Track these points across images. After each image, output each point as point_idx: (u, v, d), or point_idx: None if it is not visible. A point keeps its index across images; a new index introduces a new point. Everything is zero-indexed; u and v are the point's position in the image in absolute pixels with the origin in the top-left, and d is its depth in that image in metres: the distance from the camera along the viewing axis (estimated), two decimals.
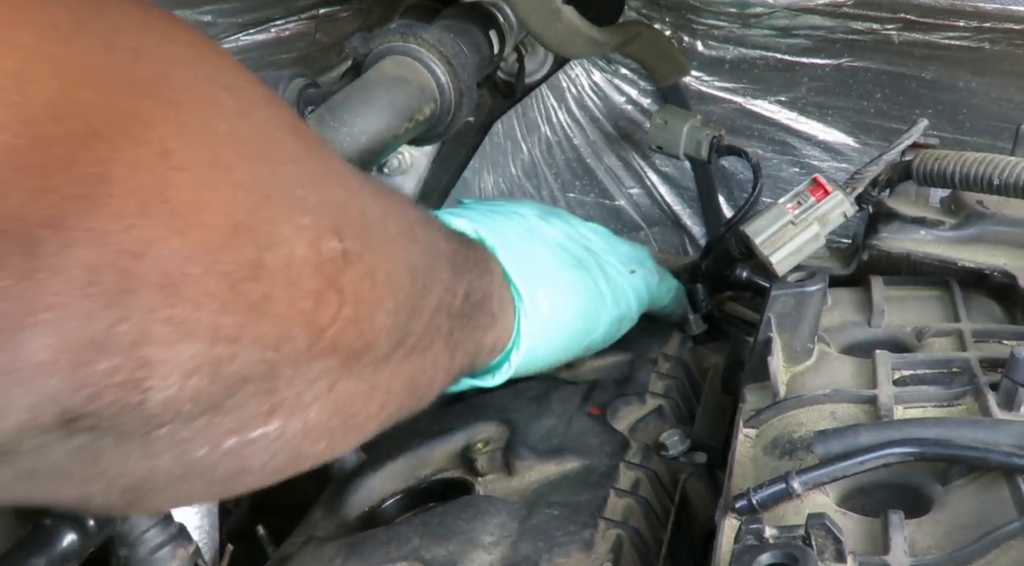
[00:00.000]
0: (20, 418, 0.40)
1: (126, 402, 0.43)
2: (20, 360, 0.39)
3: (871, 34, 1.32)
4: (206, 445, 0.49)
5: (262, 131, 0.50)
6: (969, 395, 0.70)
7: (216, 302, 0.44)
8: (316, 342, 0.51)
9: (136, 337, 0.42)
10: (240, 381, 0.48)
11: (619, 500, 0.79)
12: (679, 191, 1.60)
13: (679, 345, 1.10)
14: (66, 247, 0.38)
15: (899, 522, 0.59)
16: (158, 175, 0.42)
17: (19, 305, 0.38)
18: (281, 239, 0.48)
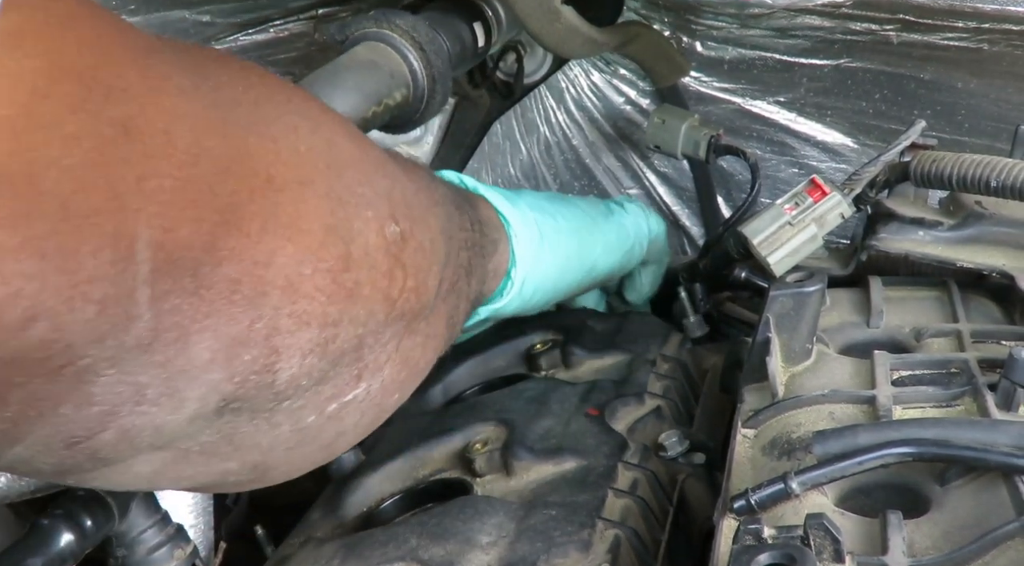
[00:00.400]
0: (192, 408, 0.50)
1: (263, 383, 0.53)
2: (192, 361, 0.48)
3: (870, 35, 1.32)
4: (314, 412, 0.60)
5: (329, 143, 0.59)
6: (967, 395, 0.70)
7: (324, 294, 0.55)
8: (391, 312, 0.62)
9: (268, 331, 0.52)
10: (340, 355, 0.58)
11: (617, 500, 0.79)
12: (678, 191, 1.60)
13: (678, 346, 1.10)
14: (217, 266, 0.48)
15: (897, 522, 0.59)
16: (268, 197, 0.51)
17: (188, 317, 0.47)
18: (357, 231, 0.58)
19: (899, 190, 1.00)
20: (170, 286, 0.45)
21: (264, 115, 0.54)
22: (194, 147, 0.46)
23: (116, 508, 0.70)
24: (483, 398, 1.00)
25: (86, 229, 0.40)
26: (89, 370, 0.44)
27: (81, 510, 0.68)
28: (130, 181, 0.42)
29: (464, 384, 1.05)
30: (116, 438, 0.48)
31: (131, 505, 0.71)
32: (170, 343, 0.47)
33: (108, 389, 0.45)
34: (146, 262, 0.44)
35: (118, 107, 0.43)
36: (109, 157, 0.42)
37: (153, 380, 0.47)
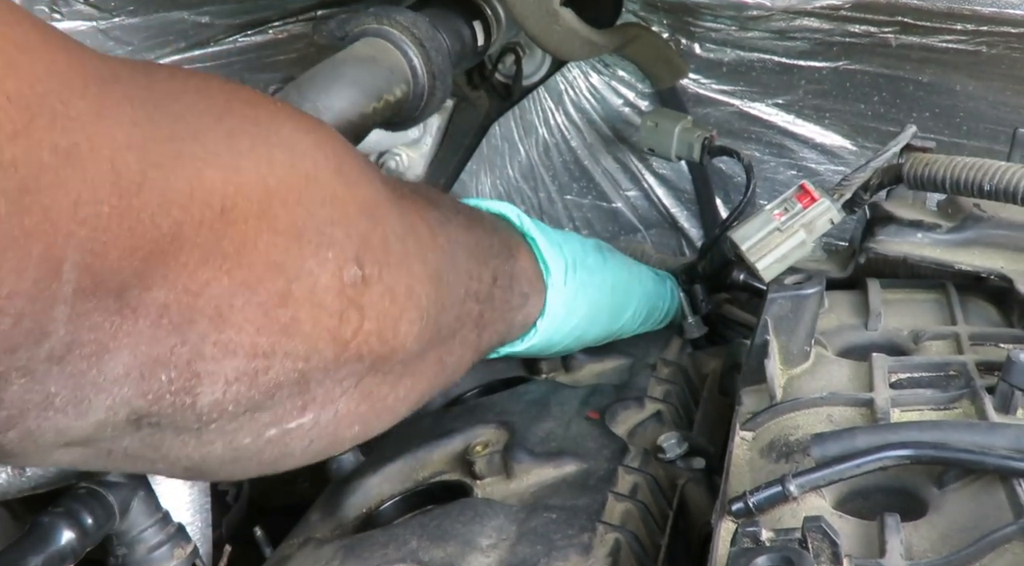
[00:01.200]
0: (99, 416, 0.51)
1: (180, 404, 0.53)
2: (104, 374, 0.49)
3: (868, 37, 1.32)
4: (250, 435, 0.60)
5: (308, 177, 0.59)
6: (965, 398, 0.71)
7: (253, 326, 0.55)
8: (342, 353, 0.61)
9: (190, 357, 0.52)
10: (275, 386, 0.58)
11: (617, 504, 0.80)
12: (676, 193, 1.60)
13: (678, 350, 1.10)
14: (146, 290, 0.48)
15: (895, 525, 0.59)
16: (216, 229, 0.51)
17: (106, 335, 0.48)
18: (307, 271, 0.57)
19: (897, 192, 1.00)
20: (92, 305, 0.46)
21: (234, 146, 0.54)
22: (138, 176, 0.47)
23: (117, 506, 0.70)
24: (483, 400, 1.00)
25: (12, 250, 0.41)
26: (0, 378, 0.45)
27: (82, 508, 0.68)
28: (65, 206, 0.43)
29: (464, 386, 1.05)
30: (20, 436, 0.49)
31: (132, 504, 0.72)
32: (84, 357, 0.47)
33: (17, 396, 0.46)
34: (70, 283, 0.44)
35: (63, 135, 0.43)
36: (46, 182, 0.42)
37: (62, 389, 0.48)
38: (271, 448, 0.63)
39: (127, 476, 0.70)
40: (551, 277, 0.88)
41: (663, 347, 1.09)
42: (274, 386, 0.58)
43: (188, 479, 0.68)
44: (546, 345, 0.92)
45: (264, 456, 0.63)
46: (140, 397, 0.51)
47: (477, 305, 0.78)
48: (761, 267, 0.90)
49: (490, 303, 0.80)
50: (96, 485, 0.69)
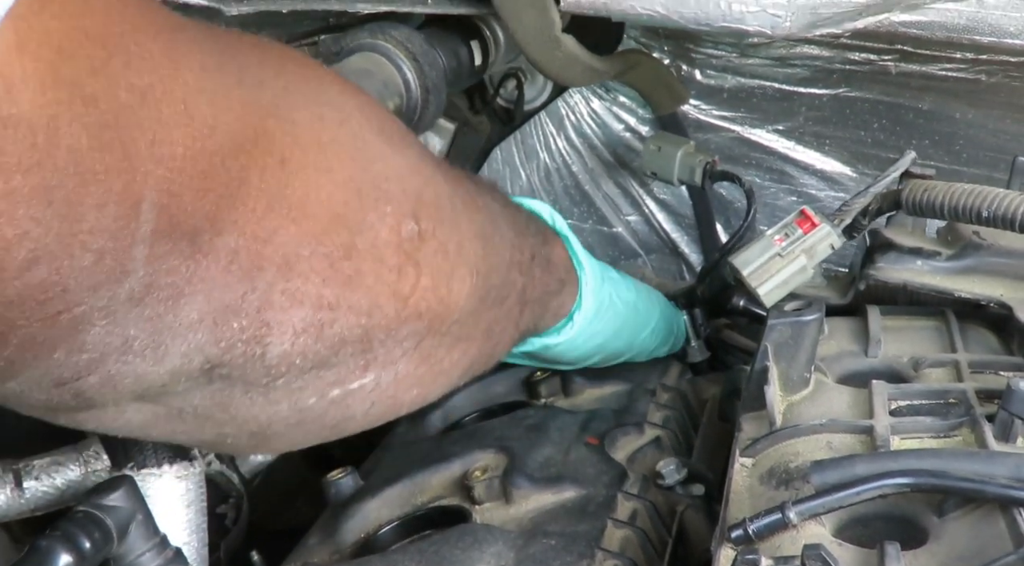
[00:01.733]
0: (175, 362, 0.52)
1: (251, 353, 0.55)
2: (179, 319, 0.51)
3: (868, 65, 1.33)
4: (315, 395, 0.62)
5: (356, 135, 0.61)
6: (965, 426, 0.70)
7: (319, 277, 0.56)
8: (402, 309, 0.63)
9: (260, 304, 0.54)
10: (340, 342, 0.59)
11: (616, 531, 0.79)
12: (676, 218, 1.60)
13: (678, 376, 1.10)
14: (217, 235, 0.50)
15: (895, 554, 0.59)
16: (279, 178, 0.53)
17: (182, 279, 0.49)
18: (368, 225, 0.59)
19: (897, 220, 1.00)
20: (168, 248, 0.48)
21: (290, 101, 0.56)
22: (210, 120, 0.49)
23: (115, 530, 0.70)
24: (483, 425, 1.00)
25: (94, 184, 0.43)
26: (84, 319, 0.46)
27: (79, 532, 0.68)
28: (142, 145, 0.45)
29: (463, 410, 1.05)
30: (100, 382, 0.51)
31: (130, 527, 0.71)
32: (161, 300, 0.49)
33: (99, 339, 0.48)
34: (148, 223, 0.46)
35: (138, 75, 0.45)
36: (124, 120, 0.44)
37: (140, 333, 0.49)
38: (334, 410, 0.64)
39: (126, 500, 0.70)
40: (584, 273, 0.90)
41: (662, 373, 1.08)
42: (339, 341, 0.59)
43: (252, 449, 0.70)
44: (574, 345, 0.93)
45: (327, 419, 0.65)
46: (213, 344, 0.53)
47: (520, 277, 0.80)
48: (762, 292, 0.90)
49: (531, 278, 0.82)
50: (94, 509, 0.68)
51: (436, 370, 0.71)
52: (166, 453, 0.77)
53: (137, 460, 0.77)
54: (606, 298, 0.93)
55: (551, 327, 0.90)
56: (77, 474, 0.87)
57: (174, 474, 0.77)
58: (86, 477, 0.87)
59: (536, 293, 0.83)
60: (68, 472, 0.88)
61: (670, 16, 0.98)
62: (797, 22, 0.97)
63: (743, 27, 0.97)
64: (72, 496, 0.87)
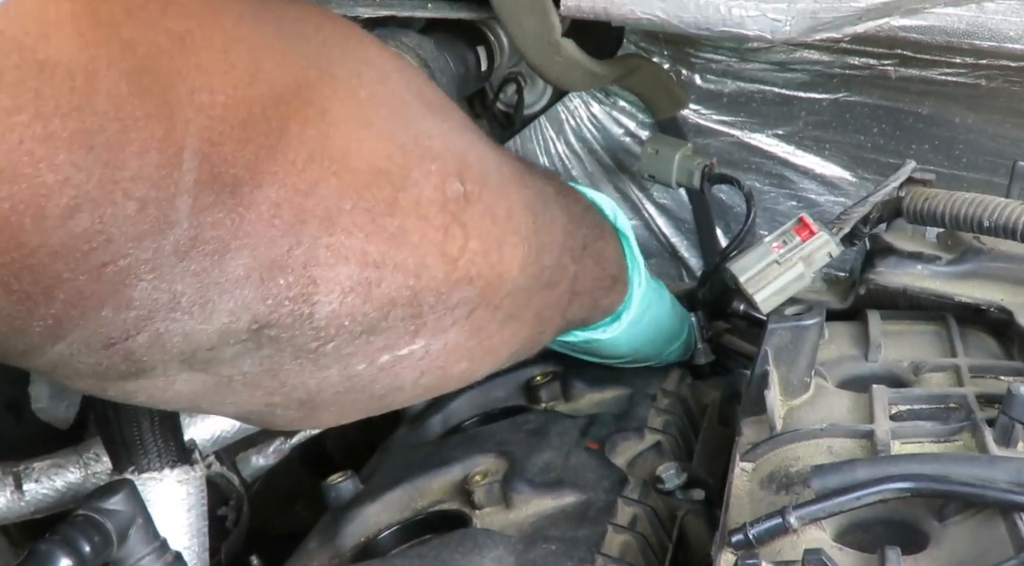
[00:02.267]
0: (223, 320, 0.51)
1: (299, 313, 0.54)
2: (226, 274, 0.50)
3: (868, 70, 1.33)
4: (364, 361, 0.61)
5: (395, 94, 0.60)
6: (966, 431, 0.70)
7: (362, 232, 0.55)
8: (451, 272, 0.62)
9: (306, 259, 0.53)
10: (389, 303, 0.58)
11: (617, 536, 0.79)
12: (676, 223, 1.60)
13: (678, 381, 1.10)
14: (257, 187, 0.49)
15: (896, 558, 0.58)
16: (320, 129, 0.52)
17: (227, 232, 0.48)
18: (412, 181, 0.58)
19: (898, 224, 1.00)
20: (212, 200, 0.47)
21: (328, 55, 0.56)
22: (251, 68, 0.48)
23: (114, 534, 0.70)
24: (483, 429, 1.00)
25: (135, 130, 0.42)
26: (129, 273, 0.46)
27: (79, 536, 0.68)
28: (182, 92, 0.44)
29: (463, 414, 1.05)
30: (149, 341, 0.50)
31: (130, 531, 0.71)
32: (207, 255, 0.48)
33: (146, 295, 0.47)
34: (191, 172, 0.45)
35: (177, 20, 0.45)
36: (164, 66, 0.44)
37: (187, 288, 0.49)
38: (384, 377, 0.63)
39: (126, 504, 0.70)
40: (637, 275, 0.90)
41: (663, 377, 1.08)
42: (387, 303, 0.58)
43: (300, 421, 0.68)
44: (615, 344, 0.94)
45: (376, 387, 0.64)
46: (260, 302, 0.52)
47: (572, 264, 0.79)
48: (759, 299, 0.90)
49: (582, 268, 0.81)
50: (94, 512, 0.68)
51: (486, 346, 0.70)
52: (167, 457, 0.77)
53: (139, 464, 0.76)
54: (648, 302, 0.94)
55: (598, 322, 0.90)
56: (77, 477, 0.88)
57: (175, 478, 0.77)
58: (86, 479, 0.87)
59: (587, 285, 0.83)
60: (68, 475, 0.88)
61: (670, 20, 0.98)
62: (797, 27, 0.97)
63: (743, 31, 0.97)
64: (72, 499, 0.87)
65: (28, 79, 0.38)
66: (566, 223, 0.78)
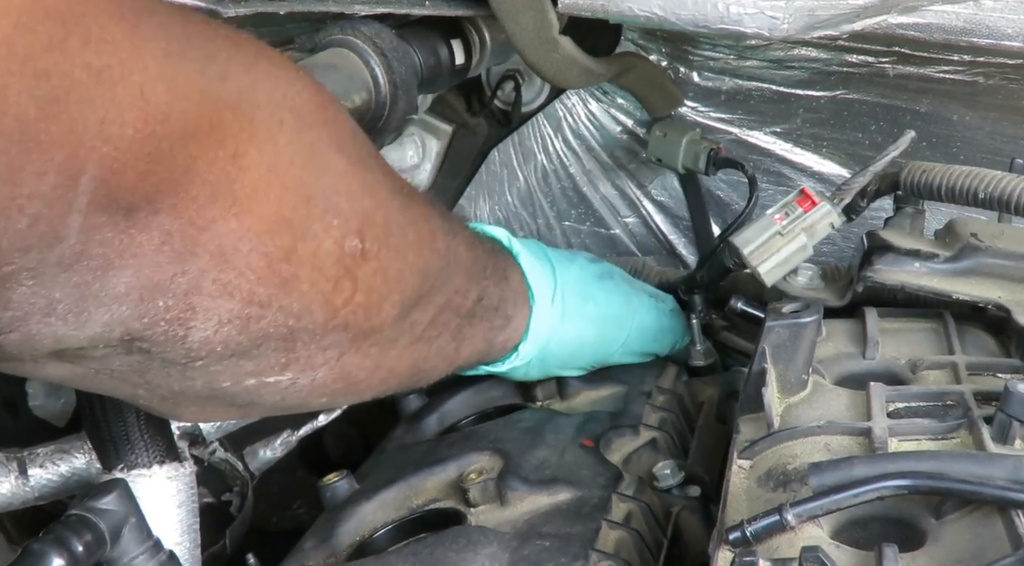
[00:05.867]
0: (96, 330, 0.53)
1: (173, 334, 0.56)
2: (106, 289, 0.52)
3: (866, 67, 1.33)
4: (230, 380, 0.63)
5: (313, 146, 0.62)
6: (963, 428, 0.70)
7: (255, 275, 0.57)
8: (331, 319, 0.64)
9: (189, 288, 0.55)
10: (264, 337, 0.61)
11: (611, 532, 0.79)
12: (674, 220, 1.60)
13: (674, 378, 1.10)
14: (153, 215, 0.51)
15: (893, 556, 0.58)
16: (228, 172, 0.54)
17: (113, 251, 0.51)
18: (313, 234, 0.60)
19: (895, 221, 1.00)
20: (103, 220, 0.49)
21: (254, 98, 0.57)
22: (165, 107, 0.50)
23: (107, 533, 0.69)
24: (478, 428, 1.00)
25: (37, 153, 0.45)
26: (11, 278, 0.48)
27: (72, 535, 0.67)
28: (91, 122, 0.46)
29: (459, 413, 1.05)
30: (20, 340, 0.52)
31: (123, 531, 0.71)
32: (91, 269, 0.50)
33: (24, 298, 0.49)
34: (86, 194, 0.47)
35: (96, 55, 0.47)
36: (76, 96, 0.46)
37: (66, 297, 0.51)
38: (246, 395, 0.66)
39: (119, 503, 0.70)
40: (536, 302, 0.91)
41: (659, 374, 1.08)
42: (263, 336, 0.61)
43: (162, 412, 0.71)
44: (527, 369, 0.95)
45: (237, 401, 0.67)
46: (136, 319, 0.54)
47: (457, 319, 0.81)
48: (763, 271, 0.90)
49: (471, 320, 0.83)
50: (87, 512, 0.68)
51: (352, 389, 0.73)
52: (156, 453, 0.77)
53: (127, 461, 0.76)
54: (561, 320, 0.94)
55: (498, 358, 0.92)
56: (82, 462, 0.88)
57: (164, 475, 0.77)
58: (91, 465, 0.87)
59: (476, 331, 0.85)
60: (73, 460, 0.88)
61: (668, 18, 0.98)
62: (795, 24, 0.97)
63: (741, 29, 0.97)
64: (77, 484, 0.87)
65: None
66: (461, 283, 0.81)
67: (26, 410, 1.04)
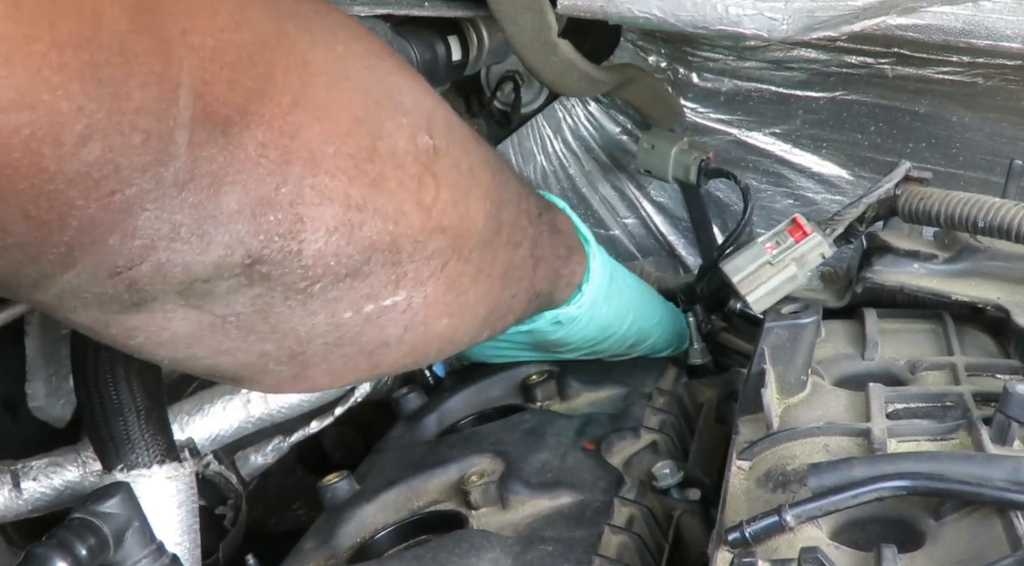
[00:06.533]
0: (219, 252, 0.55)
1: (288, 250, 0.57)
2: (220, 208, 0.53)
3: (865, 68, 1.33)
4: (350, 308, 0.64)
5: (367, 52, 0.64)
6: (962, 429, 0.70)
7: (345, 175, 0.59)
8: (426, 220, 0.66)
9: (293, 198, 0.56)
10: (370, 247, 0.62)
11: (613, 537, 0.79)
12: (674, 221, 1.60)
13: (674, 380, 1.10)
14: (246, 128, 0.52)
15: (892, 556, 0.58)
16: (302, 78, 0.56)
17: (220, 168, 0.52)
18: (388, 132, 0.62)
19: (894, 223, 1.00)
20: (206, 137, 0.50)
21: (305, 12, 0.59)
22: (235, 15, 0.51)
23: (111, 537, 0.69)
24: (479, 429, 1.00)
25: (136, 65, 0.45)
26: (134, 203, 0.49)
27: (75, 539, 0.67)
28: (175, 32, 0.47)
29: (459, 413, 1.05)
30: (152, 270, 0.53)
31: (126, 534, 0.71)
32: (203, 188, 0.51)
33: (148, 224, 0.50)
34: (187, 108, 0.48)
35: None
36: (158, 9, 0.47)
37: (186, 219, 0.52)
38: (369, 330, 0.67)
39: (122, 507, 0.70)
40: (591, 246, 0.93)
41: (658, 376, 1.08)
42: (369, 246, 0.62)
43: (293, 381, 0.70)
44: (582, 323, 0.96)
45: (364, 340, 0.67)
46: (252, 236, 0.55)
47: (530, 226, 0.83)
48: (752, 299, 0.90)
49: (540, 233, 0.85)
50: (90, 515, 0.68)
51: (462, 301, 0.73)
52: (156, 453, 0.77)
53: (127, 461, 0.76)
54: (610, 276, 0.96)
55: (565, 299, 0.93)
56: (75, 475, 0.87)
57: (164, 475, 0.77)
58: (84, 478, 0.87)
59: (547, 252, 0.86)
60: (66, 473, 0.87)
61: (667, 19, 0.98)
62: (794, 25, 0.97)
63: (740, 30, 0.97)
64: (70, 497, 0.87)
65: (43, 9, 0.41)
66: (519, 186, 0.82)
67: (25, 412, 1.04)
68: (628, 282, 1.01)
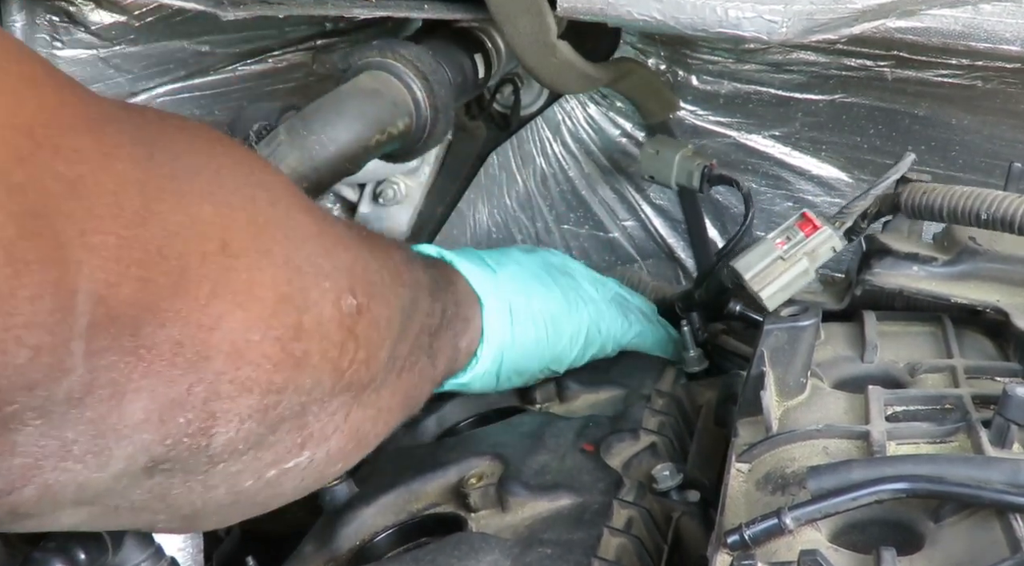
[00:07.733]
0: (119, 466, 0.50)
1: (196, 446, 0.53)
2: (124, 420, 0.48)
3: (864, 71, 1.33)
4: (252, 477, 0.60)
5: (287, 216, 0.60)
6: (962, 432, 0.70)
7: (271, 362, 0.55)
8: (338, 382, 0.62)
9: (207, 395, 0.52)
10: (279, 421, 0.58)
11: (613, 539, 0.79)
12: (673, 224, 1.60)
13: (673, 381, 1.10)
14: (160, 327, 0.48)
15: (891, 559, 0.58)
16: (221, 262, 0.52)
17: (124, 376, 0.47)
18: (313, 302, 0.59)
19: (894, 225, 1.00)
20: (108, 343, 0.46)
21: (224, 184, 0.56)
22: (142, 210, 0.48)
23: (110, 541, 0.69)
24: (478, 432, 1.00)
25: (26, 275, 0.41)
26: (15, 418, 0.44)
27: (74, 544, 0.67)
28: (73, 234, 0.44)
29: (458, 416, 1.05)
30: (38, 494, 0.47)
31: (125, 539, 0.71)
32: (103, 400, 0.47)
33: (32, 441, 0.45)
34: (85, 314, 0.44)
35: (67, 166, 0.44)
36: (53, 210, 0.43)
37: (80, 436, 0.47)
38: (267, 490, 0.63)
39: None
40: (485, 307, 0.90)
41: (657, 377, 1.08)
42: (279, 421, 0.58)
43: (183, 530, 0.69)
44: (493, 376, 0.93)
45: (259, 498, 0.64)
46: (159, 443, 0.51)
47: (428, 337, 0.80)
48: (765, 296, 0.90)
49: (439, 333, 0.82)
50: None
51: (362, 444, 0.71)
52: None
53: None
54: (511, 317, 0.93)
55: (464, 366, 0.90)
56: None
57: None
58: None
59: (445, 341, 0.84)
60: None
61: (666, 21, 0.98)
62: (793, 28, 0.97)
63: (740, 33, 0.97)
64: None
65: None
66: (429, 305, 0.80)
67: None
68: (535, 308, 0.97)
